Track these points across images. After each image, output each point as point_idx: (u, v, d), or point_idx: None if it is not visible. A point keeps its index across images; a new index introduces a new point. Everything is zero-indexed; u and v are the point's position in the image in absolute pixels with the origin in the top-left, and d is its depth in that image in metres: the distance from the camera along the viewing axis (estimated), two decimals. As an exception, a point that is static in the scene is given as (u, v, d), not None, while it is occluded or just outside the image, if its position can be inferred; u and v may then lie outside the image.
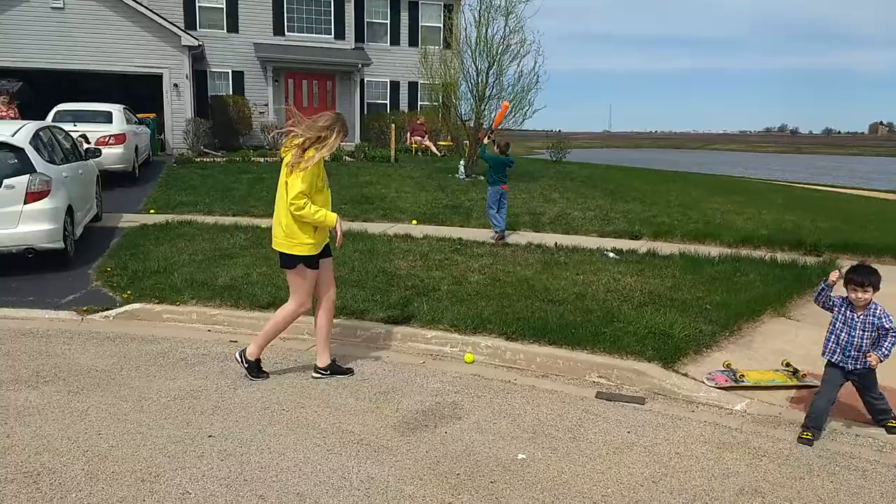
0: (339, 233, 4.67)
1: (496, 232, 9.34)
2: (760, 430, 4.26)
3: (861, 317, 4.17)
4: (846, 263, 8.03)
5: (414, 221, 10.67)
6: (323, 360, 4.93)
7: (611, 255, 8.32)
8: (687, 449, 3.95)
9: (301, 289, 4.76)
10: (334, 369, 4.95)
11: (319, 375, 4.90)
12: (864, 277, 4.17)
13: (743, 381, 4.76)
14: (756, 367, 5.08)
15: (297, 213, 4.49)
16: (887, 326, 4.12)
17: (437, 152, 21.36)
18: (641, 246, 8.96)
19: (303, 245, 4.61)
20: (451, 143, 18.17)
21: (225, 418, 4.18)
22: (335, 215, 4.66)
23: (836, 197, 17.70)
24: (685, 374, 4.94)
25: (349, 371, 5.01)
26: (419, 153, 21.60)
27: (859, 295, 4.16)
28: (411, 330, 5.76)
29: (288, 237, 4.62)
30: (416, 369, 5.12)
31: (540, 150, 36.93)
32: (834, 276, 4.26)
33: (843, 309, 4.25)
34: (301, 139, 4.51)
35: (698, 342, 5.39)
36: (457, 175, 15.99)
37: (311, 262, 4.69)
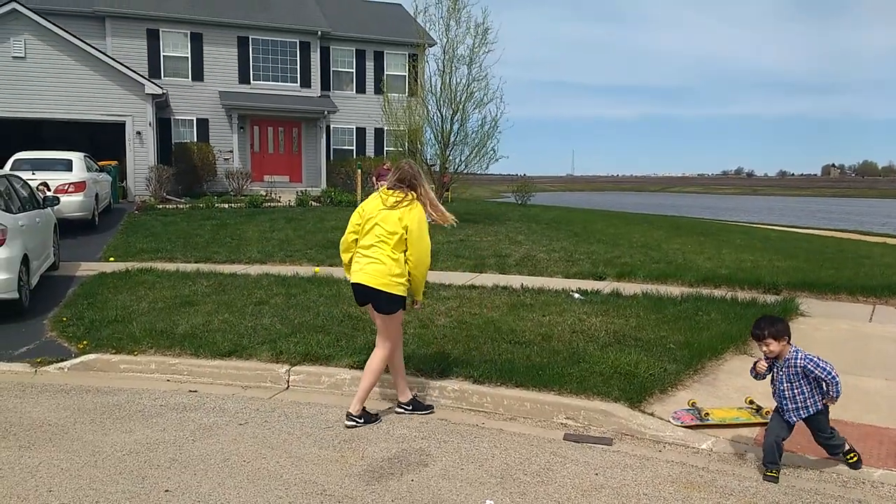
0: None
1: None
2: (727, 468, 4.27)
3: (783, 369, 4.13)
4: (804, 301, 8.22)
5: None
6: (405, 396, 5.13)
7: (576, 295, 8.38)
8: (655, 490, 3.93)
9: (397, 331, 4.96)
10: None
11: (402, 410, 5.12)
12: (758, 330, 4.14)
13: (708, 420, 4.78)
14: (720, 405, 5.11)
15: (428, 260, 4.79)
16: (817, 374, 4.04)
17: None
18: (606, 286, 9.05)
19: (402, 285, 4.76)
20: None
21: (182, 472, 4.04)
22: None
23: (793, 236, 18.17)
24: (651, 414, 4.94)
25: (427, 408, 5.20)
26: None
27: (762, 349, 4.15)
28: (377, 375, 5.68)
29: (392, 276, 4.72)
30: (382, 415, 5.04)
31: (506, 193, 37.48)
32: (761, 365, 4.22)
33: (771, 368, 4.21)
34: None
35: (663, 381, 5.41)
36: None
37: (404, 303, 4.88)
